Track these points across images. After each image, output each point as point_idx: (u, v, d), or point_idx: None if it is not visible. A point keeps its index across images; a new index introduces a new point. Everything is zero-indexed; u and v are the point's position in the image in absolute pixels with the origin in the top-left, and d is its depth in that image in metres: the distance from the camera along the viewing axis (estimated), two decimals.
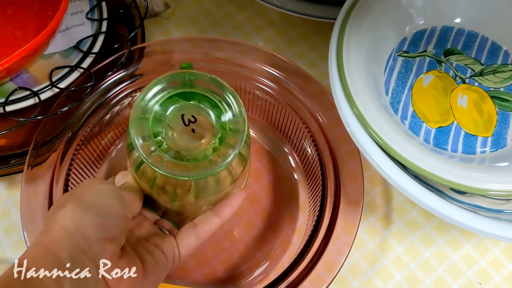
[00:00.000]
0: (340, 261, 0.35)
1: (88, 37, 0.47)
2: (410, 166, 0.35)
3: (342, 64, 0.39)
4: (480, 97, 0.43)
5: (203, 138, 0.32)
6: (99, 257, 0.27)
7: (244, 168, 0.35)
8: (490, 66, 0.44)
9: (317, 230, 0.37)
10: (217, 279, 0.42)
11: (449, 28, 0.46)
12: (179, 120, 0.32)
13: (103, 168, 0.46)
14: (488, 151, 0.40)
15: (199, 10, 0.58)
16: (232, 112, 0.33)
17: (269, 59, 0.45)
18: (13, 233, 0.44)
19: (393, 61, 0.44)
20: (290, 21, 0.57)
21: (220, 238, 0.44)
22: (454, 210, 0.35)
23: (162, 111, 0.32)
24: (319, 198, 0.40)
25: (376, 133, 0.36)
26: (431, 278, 0.44)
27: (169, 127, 0.32)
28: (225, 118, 0.32)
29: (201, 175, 0.31)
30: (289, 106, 0.44)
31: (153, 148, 0.31)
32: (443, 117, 0.42)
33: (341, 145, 0.41)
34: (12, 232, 0.45)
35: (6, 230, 0.45)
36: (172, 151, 0.32)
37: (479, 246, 0.45)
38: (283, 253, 0.42)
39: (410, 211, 0.47)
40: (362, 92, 0.38)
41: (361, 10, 0.42)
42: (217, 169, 0.31)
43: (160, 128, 0.32)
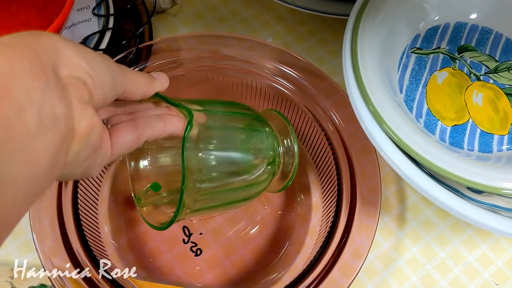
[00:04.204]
0: (357, 266, 0.35)
1: (95, 33, 0.46)
2: (427, 164, 0.34)
3: (357, 61, 0.38)
4: (495, 95, 0.42)
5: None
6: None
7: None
8: (504, 62, 0.44)
9: (333, 232, 0.36)
10: (229, 281, 0.41)
11: (462, 24, 0.45)
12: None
13: (112, 166, 0.45)
14: (505, 149, 0.40)
15: (205, 6, 0.57)
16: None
17: (280, 55, 0.44)
18: (19, 236, 0.44)
19: (407, 58, 0.43)
20: (298, 17, 0.56)
21: (231, 239, 0.43)
22: (472, 209, 0.34)
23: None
24: (333, 198, 0.39)
25: (392, 130, 0.35)
26: (447, 279, 0.43)
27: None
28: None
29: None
30: (301, 103, 0.43)
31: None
32: (458, 115, 0.41)
33: (355, 143, 0.40)
34: (18, 235, 0.44)
35: (13, 232, 0.43)
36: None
37: (495, 246, 0.45)
38: (296, 254, 0.41)
39: (425, 210, 0.46)
40: (377, 89, 0.37)
41: (374, 5, 0.41)
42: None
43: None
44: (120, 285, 0.36)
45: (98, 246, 0.39)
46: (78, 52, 0.24)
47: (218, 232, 0.43)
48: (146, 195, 0.37)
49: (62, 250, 0.36)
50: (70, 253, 0.36)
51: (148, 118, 0.30)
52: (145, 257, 0.42)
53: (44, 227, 0.37)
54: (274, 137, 0.38)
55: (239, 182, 0.35)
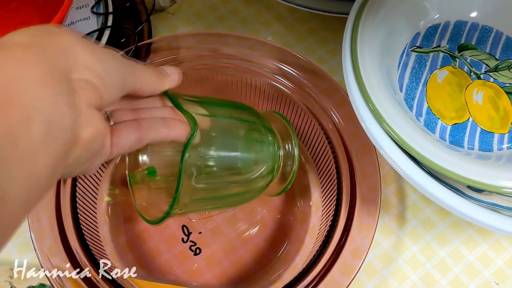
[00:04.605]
0: (357, 265, 0.34)
1: (94, 32, 0.46)
2: (427, 163, 0.34)
3: (356, 60, 0.38)
4: (495, 93, 0.42)
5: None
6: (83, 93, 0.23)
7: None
8: (505, 61, 0.43)
9: (333, 231, 0.36)
10: (228, 280, 0.41)
11: (462, 22, 0.45)
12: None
13: (111, 165, 0.45)
14: (506, 148, 0.40)
15: (205, 5, 0.57)
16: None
17: (280, 54, 0.44)
18: (18, 235, 0.43)
19: (407, 57, 0.43)
20: (298, 16, 0.56)
21: (230, 238, 0.43)
22: (472, 208, 0.34)
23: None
24: (333, 197, 0.39)
25: (392, 129, 0.35)
26: (447, 278, 0.43)
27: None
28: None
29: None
30: (301, 102, 0.43)
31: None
32: (459, 114, 0.41)
33: (355, 142, 0.40)
34: (17, 234, 0.43)
35: None
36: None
37: (496, 245, 0.44)
38: (296, 253, 0.41)
39: (425, 209, 0.46)
40: (377, 88, 0.37)
41: (374, 4, 0.41)
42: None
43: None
44: (119, 284, 0.35)
45: (97, 246, 0.39)
46: (93, 54, 0.24)
47: (217, 231, 0.43)
48: (140, 177, 0.37)
49: (61, 250, 0.36)
50: (68, 253, 0.36)
51: (153, 121, 0.29)
52: (144, 256, 0.42)
53: (43, 226, 0.36)
54: (275, 144, 0.38)
55: (237, 187, 0.36)
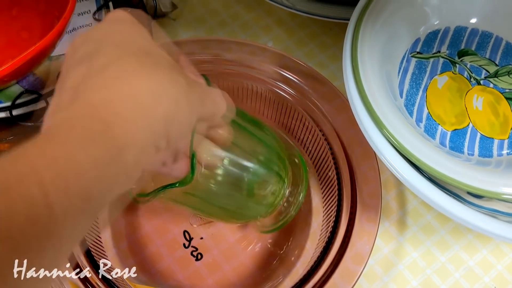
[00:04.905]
0: (358, 270, 0.35)
1: None
2: (427, 169, 0.34)
3: (357, 66, 0.38)
4: (495, 99, 0.42)
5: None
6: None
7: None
8: (505, 67, 0.44)
9: (334, 237, 0.36)
10: (229, 285, 0.41)
11: (462, 28, 0.45)
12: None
13: None
14: (505, 154, 0.40)
15: (206, 10, 0.57)
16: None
17: (280, 60, 0.44)
18: None
19: (407, 63, 0.43)
20: (299, 21, 0.56)
21: (231, 243, 0.43)
22: (472, 214, 0.34)
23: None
24: (334, 203, 0.39)
25: (392, 135, 0.35)
26: (447, 284, 0.43)
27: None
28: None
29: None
30: (301, 108, 0.43)
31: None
32: (459, 119, 0.41)
33: (356, 147, 0.40)
34: None
35: None
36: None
37: (496, 250, 0.44)
38: (297, 259, 0.41)
39: (425, 215, 0.46)
40: (377, 94, 0.37)
41: (375, 9, 0.41)
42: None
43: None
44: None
45: (99, 251, 0.39)
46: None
47: (218, 237, 0.43)
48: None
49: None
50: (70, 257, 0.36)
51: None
52: (146, 261, 0.42)
53: None
54: (284, 182, 0.38)
55: (230, 201, 0.37)
